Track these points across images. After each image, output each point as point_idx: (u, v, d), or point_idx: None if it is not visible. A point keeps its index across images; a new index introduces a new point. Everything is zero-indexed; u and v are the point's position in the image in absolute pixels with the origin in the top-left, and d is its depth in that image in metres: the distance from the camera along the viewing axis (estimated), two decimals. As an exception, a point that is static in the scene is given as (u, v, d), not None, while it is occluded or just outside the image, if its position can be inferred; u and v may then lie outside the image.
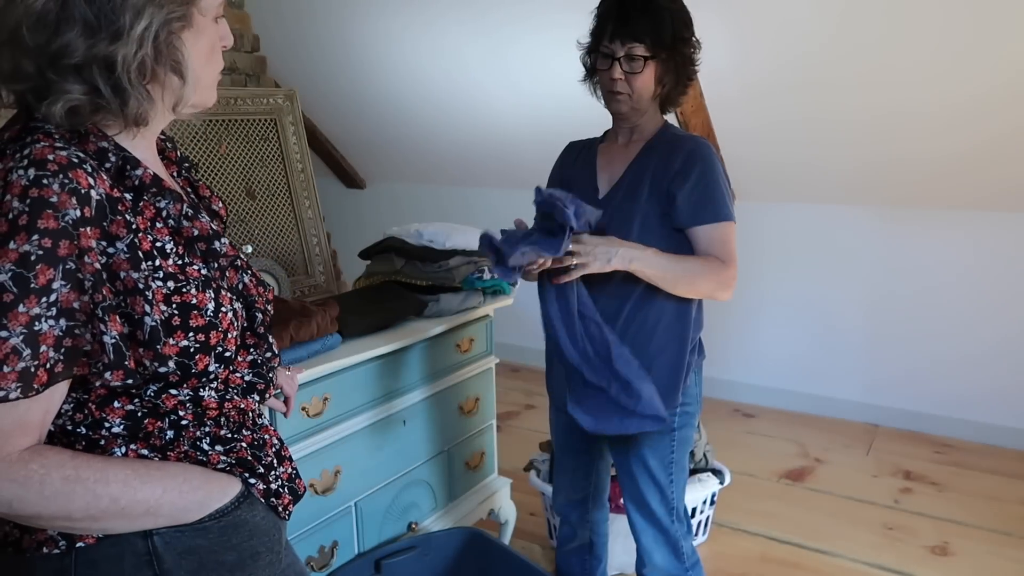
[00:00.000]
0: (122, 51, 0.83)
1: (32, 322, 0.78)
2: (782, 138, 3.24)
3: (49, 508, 0.82)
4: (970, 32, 2.52)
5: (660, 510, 1.77)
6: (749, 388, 3.85)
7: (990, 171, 3.01)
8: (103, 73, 0.83)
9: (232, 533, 0.95)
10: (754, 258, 3.70)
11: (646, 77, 1.58)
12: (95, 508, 0.84)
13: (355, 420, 1.86)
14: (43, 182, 0.79)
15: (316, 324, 1.74)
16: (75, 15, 0.82)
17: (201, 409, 0.94)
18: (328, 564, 1.84)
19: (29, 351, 0.77)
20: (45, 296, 0.78)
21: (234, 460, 0.97)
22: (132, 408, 0.90)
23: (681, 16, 1.58)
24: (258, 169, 2.32)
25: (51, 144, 0.82)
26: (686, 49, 1.60)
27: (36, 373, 0.78)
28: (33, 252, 0.78)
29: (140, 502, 0.87)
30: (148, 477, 0.88)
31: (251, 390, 1.01)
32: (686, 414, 1.74)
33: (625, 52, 1.56)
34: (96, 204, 0.83)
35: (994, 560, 2.50)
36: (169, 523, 0.90)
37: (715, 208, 1.59)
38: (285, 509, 1.04)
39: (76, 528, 0.87)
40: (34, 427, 0.82)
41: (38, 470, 0.81)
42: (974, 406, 3.38)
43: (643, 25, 1.54)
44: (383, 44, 3.60)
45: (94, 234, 0.82)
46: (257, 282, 1.05)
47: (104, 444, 0.89)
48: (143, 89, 0.86)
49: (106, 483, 0.85)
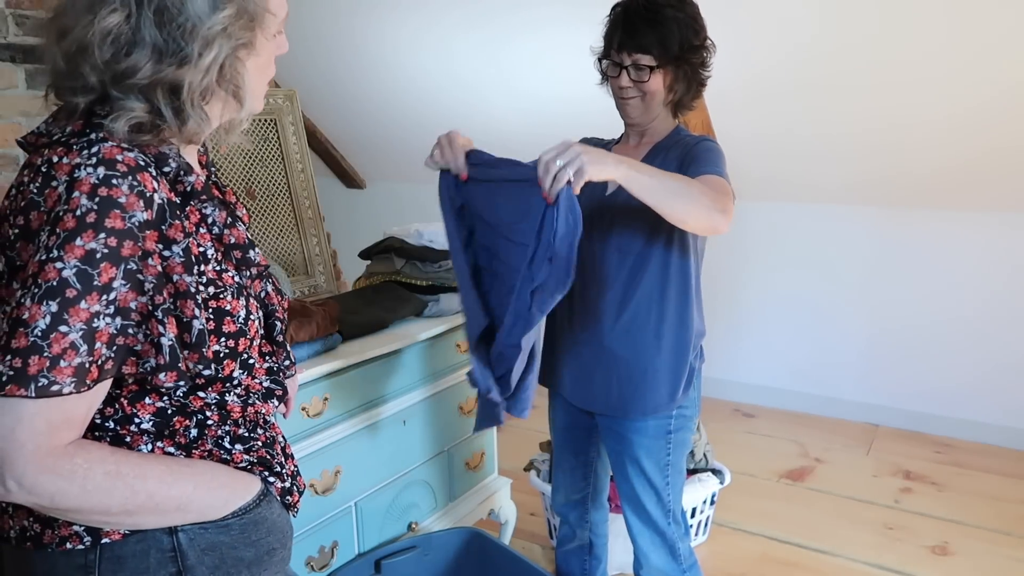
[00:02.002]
0: (188, 77, 0.85)
1: (92, 319, 0.79)
2: (782, 138, 3.24)
3: (90, 502, 0.83)
4: (971, 32, 2.52)
5: (656, 512, 1.77)
6: (749, 388, 3.85)
7: (991, 171, 3.01)
8: (167, 96, 0.86)
9: (252, 530, 0.96)
10: (754, 258, 3.71)
11: (654, 85, 1.58)
12: (132, 503, 0.85)
13: (355, 420, 1.86)
14: (112, 182, 0.81)
15: (316, 324, 1.74)
16: (146, 38, 0.84)
17: (225, 412, 0.96)
18: (328, 564, 1.84)
19: (86, 347, 0.79)
20: (106, 294, 0.80)
21: (255, 459, 0.99)
22: (162, 405, 0.91)
23: (690, 24, 1.57)
24: (258, 169, 2.32)
25: (119, 144, 0.84)
26: (695, 56, 1.59)
27: (89, 369, 0.79)
28: (99, 250, 0.79)
29: (173, 498, 0.88)
30: (180, 474, 0.90)
31: (270, 396, 1.03)
32: (683, 417, 1.73)
33: (632, 62, 1.57)
34: (158, 208, 0.84)
35: (994, 560, 2.50)
36: (197, 519, 0.92)
37: (715, 169, 1.52)
38: (294, 506, 1.06)
39: (110, 523, 0.88)
40: (79, 422, 0.83)
41: (82, 464, 0.82)
42: (974, 406, 3.38)
43: (649, 36, 1.54)
44: (383, 44, 3.60)
45: (154, 237, 0.84)
46: (276, 291, 1.08)
47: (130, 440, 0.90)
48: (203, 112, 0.88)
49: (144, 479, 0.86)
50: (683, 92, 1.63)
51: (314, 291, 2.39)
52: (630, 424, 1.71)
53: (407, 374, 2.01)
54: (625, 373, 1.67)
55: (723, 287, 3.67)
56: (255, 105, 0.97)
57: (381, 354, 1.90)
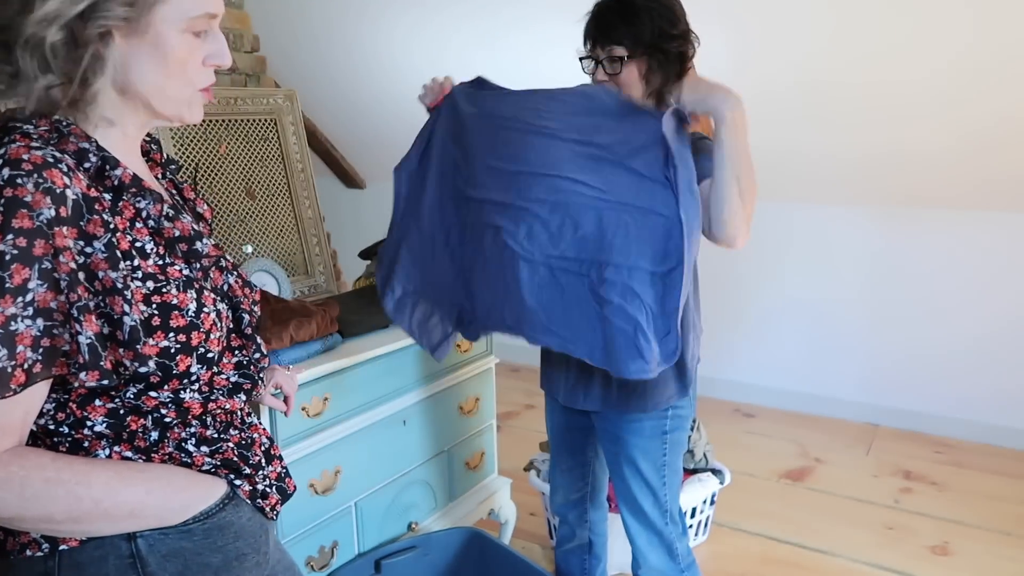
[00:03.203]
0: (31, 29, 0.82)
1: (8, 322, 0.77)
2: (782, 139, 3.24)
3: (30, 510, 0.82)
4: (972, 33, 2.52)
5: (653, 513, 1.77)
6: (749, 388, 3.85)
7: (991, 171, 3.01)
8: (22, 50, 0.83)
9: (217, 535, 0.95)
10: (754, 258, 3.70)
11: (627, 76, 1.58)
12: (77, 510, 0.84)
13: (355, 420, 1.86)
14: (17, 181, 0.79)
15: (316, 324, 1.74)
16: None
17: (183, 410, 0.93)
18: (328, 564, 1.84)
19: (5, 351, 0.77)
20: (21, 296, 0.78)
21: (219, 461, 0.97)
22: (113, 406, 0.89)
23: (663, 13, 1.56)
24: (258, 169, 2.32)
25: (27, 144, 0.82)
26: (670, 44, 1.57)
27: (13, 373, 0.78)
28: (7, 251, 0.77)
29: (122, 504, 0.87)
30: (131, 479, 0.88)
31: (237, 391, 1.00)
32: (679, 417, 1.73)
33: (606, 55, 1.58)
34: (72, 203, 0.82)
35: (994, 560, 2.50)
36: (153, 525, 0.90)
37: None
38: (272, 509, 1.04)
39: (59, 530, 0.86)
40: (14, 428, 0.82)
41: (18, 472, 0.81)
42: (974, 406, 3.38)
43: (620, 28, 1.55)
44: (383, 44, 3.61)
45: (71, 233, 0.82)
46: (243, 283, 1.05)
47: (88, 445, 0.89)
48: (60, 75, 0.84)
49: (88, 485, 0.84)
50: (661, 82, 1.61)
51: (314, 291, 2.39)
52: (626, 424, 1.71)
53: (407, 374, 2.01)
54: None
55: (723, 287, 3.67)
56: (178, 110, 0.93)
57: (381, 354, 1.90)
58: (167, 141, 2.09)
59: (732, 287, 3.74)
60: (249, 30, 2.89)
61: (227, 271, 1.02)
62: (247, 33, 2.86)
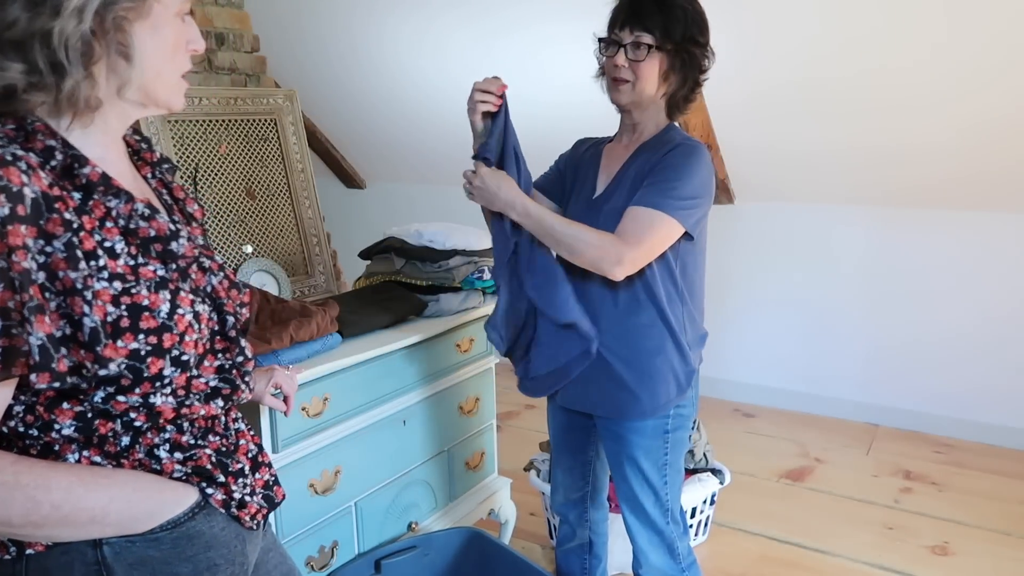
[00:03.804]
0: (59, 24, 0.81)
1: None
2: (782, 139, 3.24)
3: None
4: (972, 35, 2.52)
5: (655, 512, 1.77)
6: (749, 388, 3.85)
7: (992, 172, 3.01)
8: (43, 49, 0.82)
9: (186, 544, 0.92)
10: (754, 258, 3.71)
11: (649, 67, 1.58)
12: (35, 515, 0.82)
13: (355, 420, 1.86)
14: None
15: (316, 324, 1.74)
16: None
17: (155, 414, 0.91)
18: (328, 564, 1.84)
19: None
20: None
21: (191, 469, 0.94)
22: (81, 410, 0.87)
23: (696, 18, 1.59)
24: (258, 169, 2.32)
25: None
26: (695, 49, 1.59)
27: None
28: None
29: (84, 510, 0.85)
30: (94, 485, 0.86)
31: (215, 395, 0.98)
32: (680, 417, 1.73)
33: (632, 39, 1.57)
34: (31, 202, 0.80)
35: (994, 560, 2.50)
36: (117, 532, 0.88)
37: (659, 200, 1.54)
38: (253, 518, 1.01)
39: (19, 534, 0.85)
40: None
41: None
42: (974, 406, 3.38)
43: (655, 17, 1.56)
44: (383, 44, 3.61)
45: (29, 232, 0.80)
46: (229, 285, 1.02)
47: (59, 449, 0.87)
48: (82, 69, 0.84)
49: (47, 490, 0.82)
50: (677, 86, 1.62)
51: (314, 291, 2.39)
52: (628, 424, 1.71)
53: (407, 374, 2.01)
54: (623, 377, 1.66)
55: (724, 287, 3.68)
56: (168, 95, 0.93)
57: (381, 354, 1.90)
58: (167, 141, 2.09)
59: (733, 287, 3.74)
60: (249, 30, 2.89)
61: (211, 272, 0.99)
62: (247, 33, 2.86)
